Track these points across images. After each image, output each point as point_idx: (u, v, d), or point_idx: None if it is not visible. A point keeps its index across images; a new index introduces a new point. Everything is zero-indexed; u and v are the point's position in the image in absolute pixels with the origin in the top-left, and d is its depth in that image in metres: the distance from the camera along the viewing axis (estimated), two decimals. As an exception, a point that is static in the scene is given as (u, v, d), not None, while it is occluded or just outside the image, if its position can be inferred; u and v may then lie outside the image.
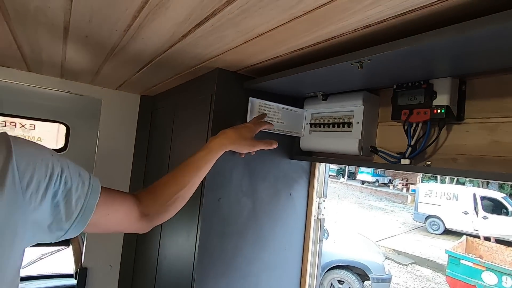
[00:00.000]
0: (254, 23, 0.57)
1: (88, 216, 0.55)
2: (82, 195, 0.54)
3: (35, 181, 0.47)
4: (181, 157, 1.10)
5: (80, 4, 0.57)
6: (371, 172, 20.88)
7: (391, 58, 0.58)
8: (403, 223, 11.16)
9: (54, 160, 0.51)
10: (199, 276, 0.86)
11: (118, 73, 1.14)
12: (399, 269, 6.79)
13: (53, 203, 0.50)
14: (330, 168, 15.13)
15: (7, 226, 0.45)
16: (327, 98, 0.95)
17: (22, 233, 0.48)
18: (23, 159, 0.47)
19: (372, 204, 14.42)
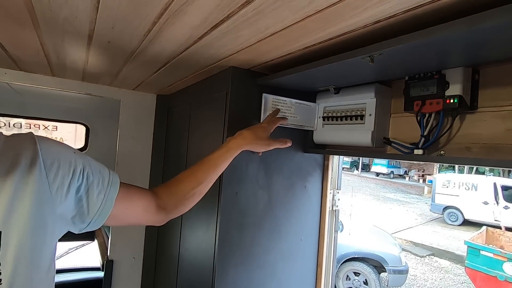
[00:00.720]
0: (268, 23, 0.60)
1: (109, 209, 0.59)
2: (102, 190, 0.58)
3: (60, 177, 0.52)
4: (198, 153, 1.15)
5: (105, 13, 0.61)
6: (386, 164, 20.53)
7: (402, 51, 0.59)
8: (420, 214, 10.97)
9: (76, 158, 0.56)
10: (219, 265, 0.91)
11: (136, 74, 1.19)
12: (416, 261, 6.71)
13: (77, 197, 0.55)
14: (344, 160, 15.00)
15: (38, 219, 0.49)
16: (339, 91, 0.97)
17: (52, 226, 0.52)
18: (48, 156, 0.51)
19: (387, 196, 14.22)
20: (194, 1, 0.53)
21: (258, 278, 0.96)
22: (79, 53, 0.92)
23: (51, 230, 0.52)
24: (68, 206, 0.54)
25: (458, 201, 9.70)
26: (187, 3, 0.54)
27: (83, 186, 0.56)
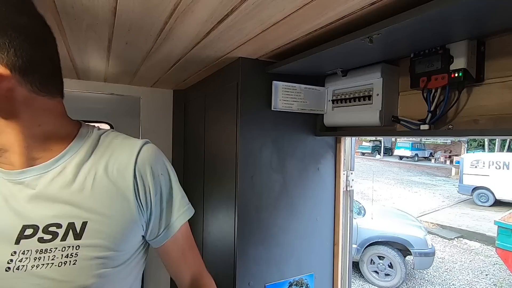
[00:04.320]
0: (269, 13, 0.64)
1: (171, 233, 0.62)
2: (176, 213, 0.62)
3: (152, 192, 0.58)
4: (214, 143, 1.22)
5: (122, 17, 0.67)
6: (409, 147, 19.86)
7: (401, 29, 0.61)
8: (447, 197, 10.62)
9: (166, 176, 0.61)
10: (240, 245, 0.98)
11: (153, 72, 1.26)
12: (444, 244, 6.56)
13: (155, 215, 0.60)
14: (364, 145, 14.73)
15: (128, 226, 0.56)
16: (346, 74, 0.99)
17: (135, 236, 0.58)
18: (146, 170, 0.57)
19: (412, 179, 13.83)
20: (199, 0, 0.58)
21: (277, 256, 1.03)
22: (101, 56, 1.00)
23: (137, 242, 0.60)
24: (147, 220, 0.60)
25: (488, 181, 9.27)
26: (194, 2, 0.59)
27: (163, 205, 0.61)
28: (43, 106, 0.52)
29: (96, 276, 0.51)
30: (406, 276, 4.66)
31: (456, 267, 5.45)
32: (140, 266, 0.63)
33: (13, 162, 0.52)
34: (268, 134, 1.02)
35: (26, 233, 0.50)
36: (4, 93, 0.47)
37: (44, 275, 0.48)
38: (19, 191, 0.52)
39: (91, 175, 0.54)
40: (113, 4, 0.61)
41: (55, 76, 0.54)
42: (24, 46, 0.47)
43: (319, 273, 1.13)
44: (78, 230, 0.51)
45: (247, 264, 0.98)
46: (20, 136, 0.51)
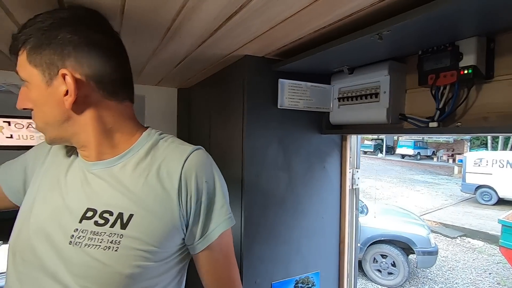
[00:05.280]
0: (277, 11, 0.63)
1: (209, 241, 0.63)
2: (215, 222, 0.63)
3: (193, 198, 0.60)
4: (220, 141, 1.22)
5: (129, 16, 0.67)
6: (412, 145, 19.79)
7: (411, 26, 0.60)
8: (450, 195, 10.58)
9: (210, 184, 0.63)
10: (246, 243, 0.98)
11: (158, 71, 1.26)
12: (447, 242, 6.54)
13: (194, 221, 0.62)
14: (366, 144, 14.71)
15: (168, 226, 0.58)
16: (353, 71, 0.99)
17: (175, 237, 0.61)
18: (191, 176, 0.60)
19: (414, 178, 13.79)
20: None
21: (283, 254, 1.03)
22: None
23: (175, 246, 0.62)
24: (186, 227, 0.62)
25: (491, 180, 9.23)
26: (202, 0, 0.58)
27: (204, 212, 0.62)
28: (113, 109, 0.62)
29: (134, 266, 0.55)
30: (409, 275, 4.66)
31: (459, 266, 5.43)
32: (179, 268, 0.65)
33: (89, 155, 0.62)
34: (274, 132, 1.01)
35: (87, 214, 0.57)
36: (83, 98, 0.57)
37: (92, 254, 0.54)
38: (91, 179, 0.61)
39: (144, 174, 0.60)
40: (122, 2, 0.61)
41: (124, 84, 0.64)
42: (97, 59, 0.57)
43: (325, 271, 1.13)
44: (124, 221, 0.56)
45: (254, 262, 0.99)
46: (95, 134, 0.60)
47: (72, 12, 0.59)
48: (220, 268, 0.67)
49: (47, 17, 0.56)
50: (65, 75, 0.55)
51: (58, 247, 0.56)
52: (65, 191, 0.62)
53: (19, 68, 0.59)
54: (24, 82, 0.60)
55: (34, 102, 0.59)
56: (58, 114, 0.58)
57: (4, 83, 1.37)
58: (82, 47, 0.56)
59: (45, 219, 0.59)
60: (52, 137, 0.63)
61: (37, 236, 0.58)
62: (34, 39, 0.56)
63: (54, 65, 0.55)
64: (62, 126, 0.59)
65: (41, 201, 0.63)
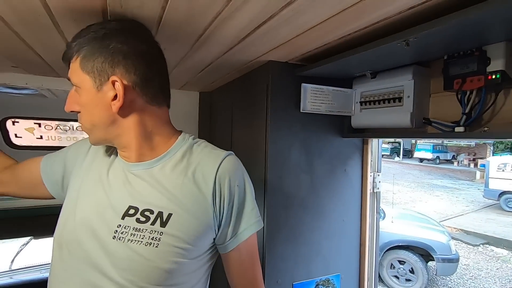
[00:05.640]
0: (306, 19, 0.66)
1: (238, 241, 0.67)
2: (244, 224, 0.67)
3: (226, 200, 0.64)
4: (242, 143, 1.25)
5: (165, 26, 0.72)
6: (430, 149, 19.17)
7: (438, 33, 0.61)
8: (472, 201, 10.18)
9: (241, 188, 0.67)
10: (268, 242, 1.00)
11: (183, 75, 1.31)
12: (468, 250, 6.30)
13: (225, 222, 0.66)
14: (383, 147, 14.25)
15: (202, 226, 0.63)
16: (375, 76, 1.00)
17: (208, 236, 0.65)
18: (224, 180, 0.64)
19: (433, 182, 13.37)
20: (242, 7, 0.61)
21: (304, 254, 1.05)
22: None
23: (208, 245, 0.67)
24: (218, 226, 0.66)
25: (517, 186, 8.82)
26: (237, 9, 0.62)
27: (235, 214, 0.66)
28: (153, 113, 0.66)
29: (172, 262, 0.59)
30: (428, 282, 4.52)
31: (482, 275, 5.22)
32: (208, 267, 0.70)
33: (129, 156, 0.67)
34: (296, 135, 1.04)
35: (129, 212, 0.61)
36: (128, 103, 0.62)
37: (134, 249, 0.58)
38: (131, 179, 0.65)
39: (181, 176, 0.64)
40: (160, 13, 0.65)
41: (164, 90, 0.69)
42: (142, 67, 0.62)
43: (345, 274, 1.14)
44: (164, 219, 0.60)
45: (276, 261, 1.01)
46: (136, 136, 0.65)
47: (121, 24, 0.64)
48: (246, 267, 0.71)
49: (100, 28, 0.61)
50: (115, 81, 0.60)
51: (102, 241, 0.60)
52: (108, 188, 0.66)
53: (71, 74, 0.64)
54: (73, 87, 0.66)
55: (83, 105, 0.64)
56: (105, 117, 0.63)
57: (39, 87, 1.46)
58: (131, 56, 0.61)
59: (90, 214, 0.64)
60: (97, 138, 0.68)
61: (82, 229, 0.63)
62: (88, 47, 0.61)
63: (105, 72, 0.60)
64: (108, 128, 0.64)
65: (85, 197, 0.67)
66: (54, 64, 1.13)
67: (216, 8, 0.62)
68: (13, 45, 0.87)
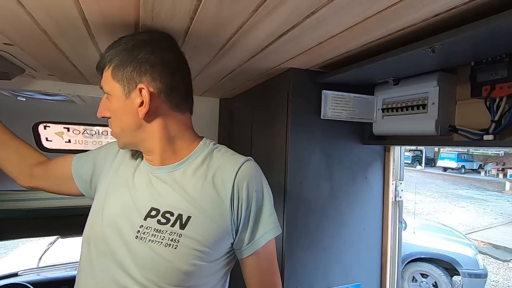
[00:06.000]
0: (329, 28, 0.67)
1: (256, 247, 0.67)
2: (262, 229, 0.68)
3: (244, 205, 0.66)
4: (262, 149, 1.26)
5: (191, 36, 0.75)
6: (455, 157, 18.35)
7: (466, 39, 0.60)
8: (501, 213, 9.61)
9: (259, 193, 0.68)
10: (288, 248, 1.00)
11: (205, 82, 1.35)
12: (497, 265, 5.93)
13: (243, 227, 0.67)
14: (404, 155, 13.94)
15: (220, 230, 0.64)
16: (398, 82, 0.98)
17: (226, 241, 0.66)
18: (243, 185, 0.65)
19: (458, 193, 12.75)
20: (266, 18, 0.63)
21: (324, 261, 1.04)
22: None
23: (225, 248, 0.68)
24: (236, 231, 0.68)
25: (551, 198, 8.24)
26: (260, 20, 0.64)
27: (252, 219, 0.67)
28: (177, 119, 0.69)
29: (191, 264, 0.60)
30: (453, 298, 4.29)
31: (513, 293, 4.89)
32: (225, 271, 0.71)
33: (153, 160, 0.70)
34: (317, 142, 1.04)
35: (151, 213, 0.64)
36: (154, 109, 0.65)
37: (155, 249, 0.61)
38: (154, 181, 0.68)
39: (201, 180, 0.65)
40: (188, 24, 0.69)
41: (187, 97, 0.72)
42: (167, 76, 0.66)
43: (366, 284, 1.11)
44: (183, 222, 0.61)
45: (295, 267, 1.00)
46: (160, 141, 0.68)
47: (150, 35, 0.68)
48: (264, 273, 0.71)
49: (130, 39, 0.66)
50: (142, 89, 0.64)
51: (126, 240, 0.63)
52: (133, 190, 0.69)
53: (104, 82, 0.69)
54: (105, 94, 0.70)
55: (113, 111, 0.69)
56: (132, 122, 0.66)
57: (70, 94, 1.54)
58: (157, 65, 0.65)
59: (116, 213, 0.67)
60: (125, 142, 0.72)
61: (109, 228, 0.66)
62: (119, 58, 0.65)
63: (133, 80, 0.64)
64: (134, 133, 0.68)
65: (112, 197, 0.71)
66: (86, 72, 1.20)
67: (240, 19, 0.64)
68: (52, 56, 0.93)
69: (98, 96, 1.58)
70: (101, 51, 0.88)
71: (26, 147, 0.88)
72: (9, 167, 0.86)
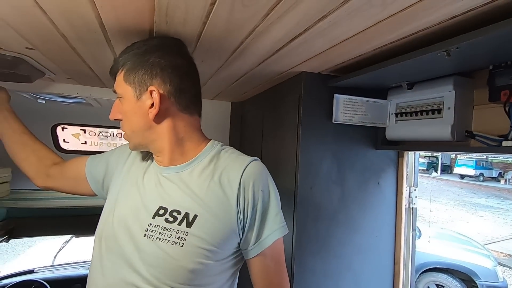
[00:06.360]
0: (341, 31, 0.67)
1: (262, 247, 0.67)
2: (268, 230, 0.68)
3: (250, 204, 0.66)
4: (273, 153, 1.26)
5: (204, 40, 0.76)
6: (473, 165, 17.72)
7: (484, 43, 0.59)
8: (523, 224, 9.19)
9: (265, 193, 0.68)
10: (297, 254, 0.99)
11: (216, 86, 1.37)
12: (519, 279, 5.66)
13: (249, 227, 0.67)
14: (419, 161, 13.63)
15: (226, 229, 0.65)
16: (412, 86, 0.96)
17: (232, 240, 0.66)
18: (249, 184, 0.66)
19: (476, 201, 12.29)
20: (278, 22, 0.63)
21: (334, 268, 1.02)
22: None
23: (232, 246, 0.68)
24: (243, 231, 0.67)
25: None
26: (273, 23, 0.64)
27: (259, 219, 0.67)
28: (185, 121, 0.71)
29: (197, 262, 0.61)
30: (471, 311, 4.12)
31: (536, 308, 4.64)
32: (233, 271, 0.71)
33: (163, 160, 0.72)
34: (328, 146, 1.03)
35: (159, 212, 0.65)
36: (163, 110, 0.67)
37: (162, 247, 0.62)
38: (163, 181, 0.70)
39: (208, 180, 0.66)
40: (200, 29, 0.70)
41: (195, 100, 0.73)
42: (176, 79, 0.68)
43: (377, 292, 1.08)
44: (190, 220, 0.63)
45: (304, 275, 0.99)
46: (169, 142, 0.70)
47: (161, 40, 0.71)
48: (271, 274, 0.70)
49: (142, 44, 0.69)
50: (152, 91, 0.66)
51: (135, 238, 0.65)
52: (142, 190, 0.71)
53: (117, 85, 0.71)
54: (118, 97, 0.73)
55: (125, 113, 0.71)
56: (143, 123, 0.69)
57: (87, 97, 1.59)
58: (167, 69, 0.67)
59: (126, 213, 0.69)
60: (135, 143, 0.74)
61: (119, 226, 0.68)
62: (131, 62, 0.68)
63: (144, 83, 0.67)
64: (145, 134, 0.70)
65: (123, 197, 0.73)
66: (102, 76, 1.23)
67: (252, 23, 0.65)
68: (70, 59, 0.97)
69: (113, 99, 1.62)
70: (116, 55, 0.90)
71: (43, 148, 0.92)
72: (27, 167, 0.90)
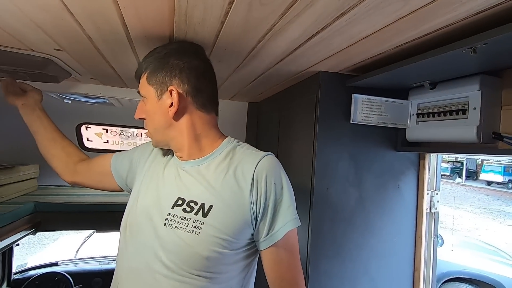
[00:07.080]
0: (360, 29, 0.65)
1: (275, 239, 0.68)
2: (281, 222, 0.68)
3: (263, 197, 0.67)
4: (289, 153, 1.25)
5: (222, 40, 0.77)
6: (501, 171, 16.75)
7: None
8: (557, 235, 8.58)
9: (278, 186, 0.69)
10: (312, 256, 0.98)
11: (234, 86, 1.38)
12: (552, 293, 5.28)
13: (262, 218, 0.68)
14: (442, 166, 13.14)
15: (240, 220, 0.67)
16: (435, 86, 0.93)
17: (246, 231, 0.68)
18: (262, 177, 0.68)
19: (504, 210, 11.62)
20: (295, 20, 0.63)
21: (350, 272, 1.00)
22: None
23: (246, 237, 0.69)
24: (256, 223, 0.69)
25: None
26: (290, 22, 0.64)
27: (271, 212, 0.68)
28: (202, 118, 0.75)
29: (212, 251, 0.64)
30: (498, 326, 3.88)
31: None
32: (247, 263, 0.72)
33: (182, 155, 0.77)
34: (345, 147, 1.01)
35: (178, 202, 0.70)
36: (182, 109, 0.72)
37: (180, 235, 0.66)
38: (182, 174, 0.75)
39: (223, 173, 0.70)
40: (219, 28, 0.71)
41: (212, 98, 0.77)
42: (194, 79, 0.73)
43: (396, 299, 1.05)
44: (206, 210, 0.66)
45: (319, 278, 0.98)
46: (188, 138, 0.74)
47: (180, 44, 0.78)
48: (284, 267, 0.70)
49: (163, 48, 0.75)
50: (172, 90, 0.71)
51: (156, 226, 0.69)
52: (162, 182, 0.76)
53: (141, 87, 0.77)
54: (142, 98, 0.78)
55: (148, 113, 0.76)
56: (164, 121, 0.74)
57: (110, 97, 1.65)
58: (185, 70, 0.72)
59: (149, 203, 0.74)
60: (158, 140, 0.79)
61: (142, 216, 0.73)
62: (153, 65, 0.74)
63: (164, 84, 0.72)
64: (165, 131, 0.75)
65: (145, 189, 0.79)
66: (124, 76, 1.28)
67: (270, 21, 0.65)
68: (95, 60, 1.01)
69: (134, 99, 1.67)
70: (138, 56, 0.94)
71: (71, 146, 0.99)
72: (56, 163, 0.97)
